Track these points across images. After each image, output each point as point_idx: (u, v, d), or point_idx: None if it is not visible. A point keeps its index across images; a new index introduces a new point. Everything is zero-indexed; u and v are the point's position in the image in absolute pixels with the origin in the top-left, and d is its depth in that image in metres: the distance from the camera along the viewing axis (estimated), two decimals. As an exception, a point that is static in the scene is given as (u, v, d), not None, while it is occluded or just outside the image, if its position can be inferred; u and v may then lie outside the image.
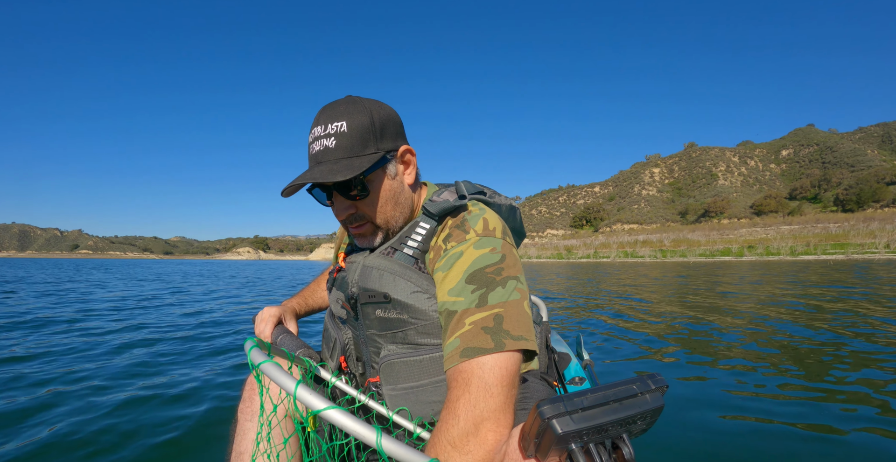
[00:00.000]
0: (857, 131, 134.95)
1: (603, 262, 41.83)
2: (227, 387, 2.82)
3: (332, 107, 0.94)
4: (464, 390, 0.76)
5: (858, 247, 34.63)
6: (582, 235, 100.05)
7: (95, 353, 3.78)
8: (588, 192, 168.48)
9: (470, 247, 0.90)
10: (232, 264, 49.51)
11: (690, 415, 2.33)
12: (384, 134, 0.95)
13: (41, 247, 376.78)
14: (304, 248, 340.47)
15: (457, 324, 0.83)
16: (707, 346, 4.00)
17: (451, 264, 0.89)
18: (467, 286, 0.85)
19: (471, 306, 0.83)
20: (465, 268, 0.87)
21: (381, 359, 0.97)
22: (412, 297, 0.93)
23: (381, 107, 0.96)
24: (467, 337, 0.80)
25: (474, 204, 1.02)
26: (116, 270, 27.29)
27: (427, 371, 0.94)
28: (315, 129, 0.93)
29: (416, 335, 0.94)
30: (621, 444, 0.62)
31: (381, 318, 0.97)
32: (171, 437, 2.08)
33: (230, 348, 4.02)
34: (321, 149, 0.92)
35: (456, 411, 0.74)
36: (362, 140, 0.92)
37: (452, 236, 0.93)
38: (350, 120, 0.91)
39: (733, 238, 55.77)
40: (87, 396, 2.60)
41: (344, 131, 0.91)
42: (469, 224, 0.94)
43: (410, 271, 0.95)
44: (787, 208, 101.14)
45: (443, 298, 0.88)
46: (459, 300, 0.85)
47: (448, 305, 0.86)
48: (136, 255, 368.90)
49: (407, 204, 1.03)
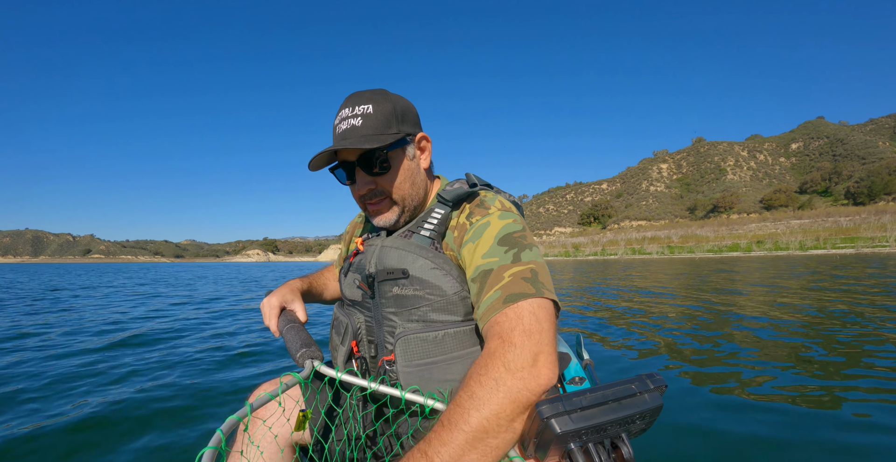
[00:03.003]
0: (868, 123, 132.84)
1: (610, 259, 41.60)
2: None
3: (359, 94, 1.04)
4: (517, 323, 0.78)
5: (868, 240, 34.23)
6: (590, 233, 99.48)
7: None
8: (596, 190, 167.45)
9: (495, 217, 0.98)
10: (249, 267, 49.64)
11: (690, 414, 2.33)
12: (405, 119, 1.05)
13: (54, 252, 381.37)
14: (314, 249, 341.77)
15: (495, 278, 0.87)
16: (707, 345, 4.01)
17: (480, 233, 0.96)
18: (500, 247, 0.92)
19: (506, 262, 0.89)
20: (495, 233, 0.94)
21: (397, 335, 1.01)
22: (430, 273, 1.00)
23: (402, 98, 1.08)
24: (509, 286, 0.84)
25: (486, 191, 1.13)
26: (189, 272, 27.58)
27: (442, 347, 0.98)
28: (343, 111, 1.03)
29: (431, 312, 1.00)
30: (620, 443, 0.61)
31: (397, 295, 1.02)
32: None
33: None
34: (348, 127, 1.00)
35: (512, 339, 0.75)
36: (386, 122, 1.01)
37: (475, 213, 1.02)
38: (376, 104, 1.01)
39: (742, 233, 55.23)
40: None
41: (370, 113, 1.00)
42: (488, 203, 1.04)
43: (428, 250, 1.02)
44: (797, 202, 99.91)
45: (476, 263, 0.92)
46: (494, 260, 0.90)
47: (483, 266, 0.91)
48: (148, 258, 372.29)
49: (422, 186, 1.11)
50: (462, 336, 0.99)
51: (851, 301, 6.73)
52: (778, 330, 4.59)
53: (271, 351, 4.21)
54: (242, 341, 4.72)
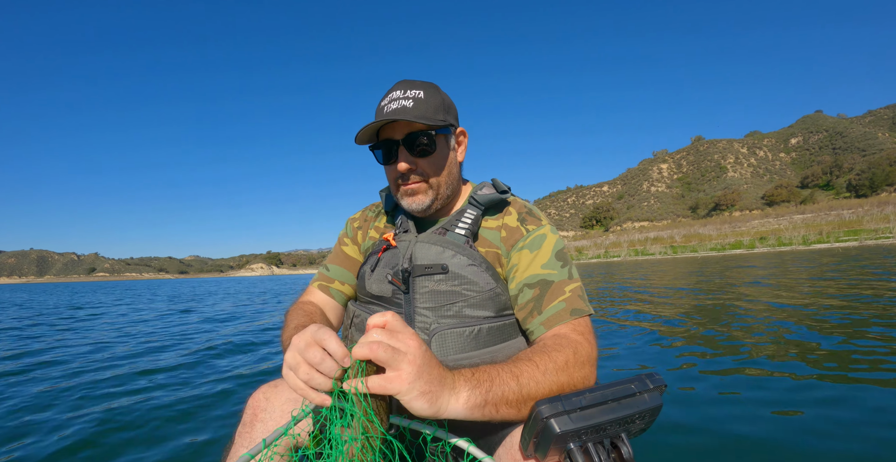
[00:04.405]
0: (866, 115, 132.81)
1: (613, 261, 41.49)
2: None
3: (411, 81, 1.09)
4: (579, 337, 0.90)
5: (872, 233, 33.93)
6: (592, 236, 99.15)
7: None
8: (597, 192, 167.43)
9: (548, 230, 1.09)
10: (263, 281, 49.77)
11: (691, 414, 2.32)
12: (450, 112, 1.11)
13: (59, 271, 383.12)
14: (317, 261, 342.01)
15: (557, 290, 0.99)
16: (708, 345, 3.97)
17: (539, 244, 1.06)
18: (557, 262, 1.03)
19: (564, 278, 1.01)
20: (552, 247, 1.05)
21: (432, 331, 1.01)
22: (468, 269, 1.03)
23: (448, 95, 1.14)
24: (571, 301, 0.97)
25: (514, 198, 1.19)
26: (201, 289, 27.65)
27: (477, 342, 1.00)
28: (394, 92, 1.06)
29: (466, 307, 1.02)
30: (620, 443, 0.61)
31: (433, 290, 1.03)
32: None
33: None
34: (398, 107, 1.03)
35: (567, 346, 0.85)
36: (435, 108, 1.06)
37: (528, 221, 1.10)
38: (427, 92, 1.06)
39: (745, 230, 54.95)
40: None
41: (421, 98, 1.05)
42: (536, 213, 1.14)
43: (464, 248, 1.06)
44: (799, 197, 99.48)
45: (535, 271, 1.02)
46: (553, 272, 1.02)
47: (543, 276, 1.01)
48: (153, 275, 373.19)
49: (457, 178, 1.16)
50: (496, 331, 1.02)
51: (856, 295, 6.57)
52: (780, 329, 4.48)
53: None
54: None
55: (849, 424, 2.10)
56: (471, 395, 0.68)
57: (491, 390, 0.70)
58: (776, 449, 1.92)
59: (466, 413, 0.68)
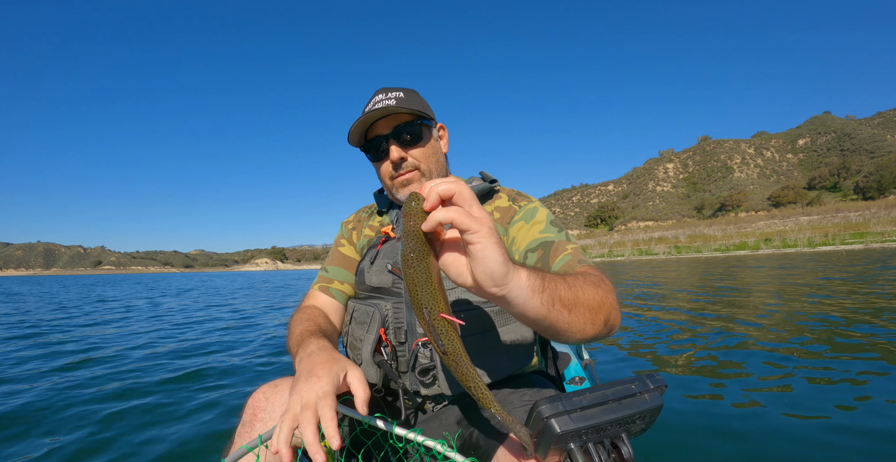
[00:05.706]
0: (875, 116, 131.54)
1: (617, 260, 41.37)
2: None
3: (390, 87, 1.20)
4: (598, 272, 0.92)
5: (878, 236, 33.83)
6: (597, 235, 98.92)
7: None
8: (602, 191, 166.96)
9: (539, 206, 1.18)
10: (269, 275, 49.46)
11: (691, 414, 2.32)
12: (428, 109, 1.20)
13: (66, 264, 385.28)
14: (321, 256, 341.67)
15: (560, 248, 1.04)
16: (708, 345, 4.00)
17: (533, 214, 1.14)
18: (553, 227, 1.11)
19: (563, 239, 1.07)
20: (545, 216, 1.13)
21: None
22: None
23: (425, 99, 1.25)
24: (575, 255, 1.02)
25: (501, 187, 1.26)
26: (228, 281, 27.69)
27: (481, 322, 1.04)
28: (376, 96, 1.16)
29: (466, 292, 1.05)
30: (620, 443, 0.61)
31: None
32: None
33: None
34: (383, 106, 1.10)
35: (593, 274, 0.89)
36: (417, 104, 1.16)
37: (517, 199, 1.19)
38: (406, 93, 1.17)
39: (750, 231, 54.76)
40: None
41: (402, 97, 1.15)
42: (525, 194, 1.22)
43: None
44: (805, 199, 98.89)
45: (535, 236, 1.09)
46: (552, 235, 1.08)
47: (543, 238, 1.08)
48: (158, 269, 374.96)
49: (445, 168, 1.23)
50: (498, 315, 1.05)
51: (858, 298, 6.63)
52: (781, 328, 4.55)
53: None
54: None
55: (854, 428, 2.09)
56: (530, 276, 0.66)
57: (546, 278, 0.69)
58: (777, 449, 1.92)
59: (528, 293, 0.64)
